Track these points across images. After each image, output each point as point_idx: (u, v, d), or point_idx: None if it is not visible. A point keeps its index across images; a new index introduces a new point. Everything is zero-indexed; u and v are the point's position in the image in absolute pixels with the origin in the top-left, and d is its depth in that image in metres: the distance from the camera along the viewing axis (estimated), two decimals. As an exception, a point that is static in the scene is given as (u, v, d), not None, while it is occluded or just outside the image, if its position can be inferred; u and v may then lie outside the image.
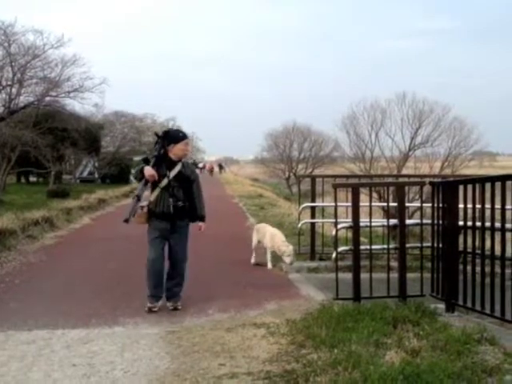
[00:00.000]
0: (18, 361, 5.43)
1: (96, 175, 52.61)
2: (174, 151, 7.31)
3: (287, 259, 9.65)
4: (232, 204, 25.64)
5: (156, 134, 7.65)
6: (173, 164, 7.31)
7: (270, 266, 10.03)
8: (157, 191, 7.27)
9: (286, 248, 9.66)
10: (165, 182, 7.25)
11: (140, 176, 7.16)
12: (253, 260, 10.41)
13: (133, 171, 7.97)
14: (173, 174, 7.28)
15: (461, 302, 6.68)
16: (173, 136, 7.45)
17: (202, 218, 7.58)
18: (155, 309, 7.18)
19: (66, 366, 5.27)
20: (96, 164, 51.11)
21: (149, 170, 7.05)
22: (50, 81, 30.01)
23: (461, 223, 6.84)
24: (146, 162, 7.25)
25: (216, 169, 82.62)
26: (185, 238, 7.49)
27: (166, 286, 7.41)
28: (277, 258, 10.00)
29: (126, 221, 7.00)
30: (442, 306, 6.90)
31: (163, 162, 7.26)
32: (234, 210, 21.90)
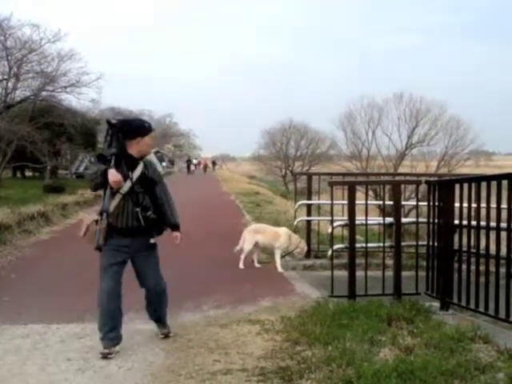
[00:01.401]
0: (13, 354, 5.47)
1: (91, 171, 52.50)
2: (139, 147, 5.66)
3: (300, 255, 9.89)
4: (228, 201, 25.59)
5: (108, 122, 5.74)
6: (134, 163, 5.67)
7: (280, 269, 9.67)
8: (117, 199, 5.59)
9: (305, 245, 9.81)
10: (127, 186, 5.58)
11: (100, 181, 5.50)
12: (257, 264, 10.01)
13: (87, 175, 6.06)
14: (135, 175, 5.65)
15: (455, 301, 6.71)
16: (137, 127, 5.75)
17: (176, 227, 6.00)
18: (111, 355, 5.45)
19: (60, 361, 5.31)
20: (92, 159, 51.08)
21: (114, 175, 5.38)
22: (47, 75, 30.04)
23: (456, 222, 6.87)
24: (103, 160, 5.56)
25: (210, 165, 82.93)
26: (156, 257, 5.93)
27: (148, 311, 6.15)
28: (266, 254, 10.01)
29: (99, 249, 5.47)
30: (436, 304, 6.93)
31: (122, 161, 5.57)
32: (230, 207, 21.88)
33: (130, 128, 5.69)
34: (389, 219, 8.10)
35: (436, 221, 7.13)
